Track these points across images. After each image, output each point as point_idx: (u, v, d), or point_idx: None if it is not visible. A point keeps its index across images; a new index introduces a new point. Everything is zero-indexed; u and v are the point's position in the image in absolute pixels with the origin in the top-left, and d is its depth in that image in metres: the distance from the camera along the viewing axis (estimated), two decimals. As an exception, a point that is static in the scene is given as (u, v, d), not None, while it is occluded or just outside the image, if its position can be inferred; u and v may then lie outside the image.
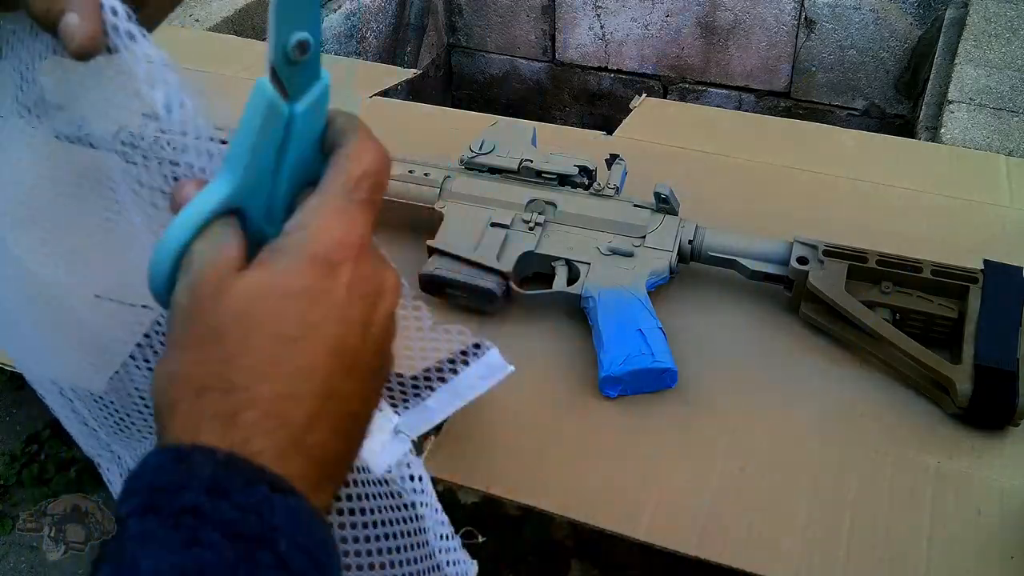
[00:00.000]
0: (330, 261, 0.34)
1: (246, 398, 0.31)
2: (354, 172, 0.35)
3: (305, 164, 0.37)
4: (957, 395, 0.67)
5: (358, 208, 0.35)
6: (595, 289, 0.76)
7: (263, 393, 0.32)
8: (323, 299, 0.33)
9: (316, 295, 0.33)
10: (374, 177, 0.36)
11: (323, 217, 0.34)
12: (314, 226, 0.34)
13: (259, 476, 0.30)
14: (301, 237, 0.34)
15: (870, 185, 0.95)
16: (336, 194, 0.35)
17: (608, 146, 0.95)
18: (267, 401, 0.32)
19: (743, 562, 0.60)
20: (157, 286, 0.34)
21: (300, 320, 0.33)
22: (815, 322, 0.76)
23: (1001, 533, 0.62)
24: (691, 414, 0.70)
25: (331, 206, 0.35)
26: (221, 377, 0.32)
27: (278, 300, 0.33)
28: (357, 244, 0.35)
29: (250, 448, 0.31)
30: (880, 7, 2.00)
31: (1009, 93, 1.40)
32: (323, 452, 0.33)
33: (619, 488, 0.65)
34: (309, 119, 0.36)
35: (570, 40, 2.33)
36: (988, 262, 0.74)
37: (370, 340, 0.35)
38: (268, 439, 0.31)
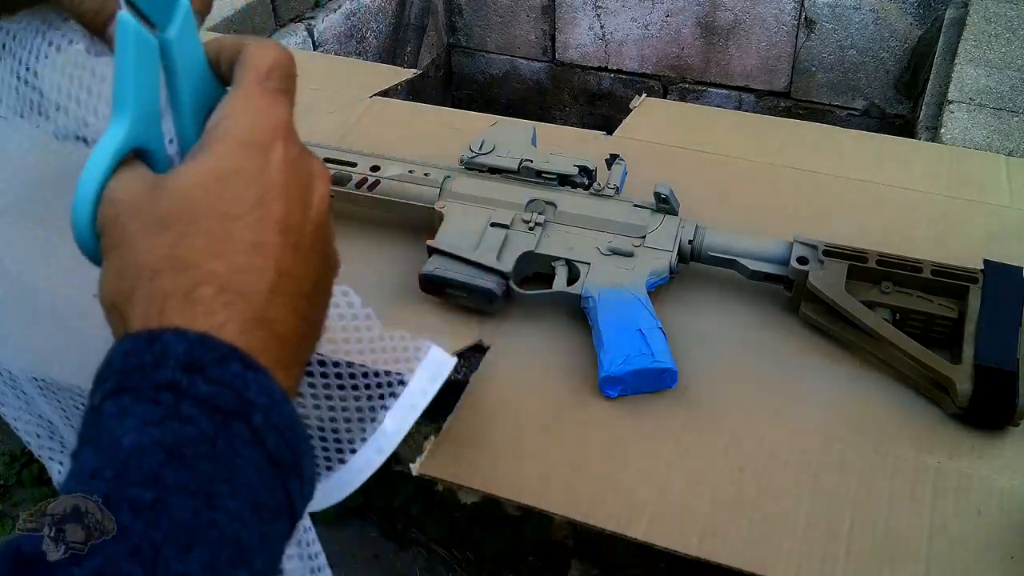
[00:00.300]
0: (260, 143, 0.34)
1: (200, 274, 0.32)
2: (262, 65, 0.36)
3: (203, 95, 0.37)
4: (957, 395, 0.67)
5: (275, 96, 0.36)
6: (595, 289, 0.76)
7: (217, 269, 0.32)
8: (260, 178, 0.34)
9: (253, 175, 0.34)
10: (282, 69, 0.37)
11: (243, 105, 0.35)
12: (236, 114, 0.35)
13: (231, 353, 0.31)
14: (225, 126, 0.35)
15: (870, 185, 0.95)
16: (250, 85, 0.36)
17: (608, 146, 0.95)
18: (222, 276, 0.32)
19: (743, 562, 0.60)
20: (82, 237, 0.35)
21: (241, 198, 0.33)
22: (815, 322, 0.76)
23: (1001, 533, 0.62)
24: (691, 414, 0.70)
25: (249, 96, 0.35)
26: (172, 258, 0.32)
27: (217, 183, 0.33)
28: (283, 127, 0.35)
29: (213, 320, 0.31)
30: (880, 7, 2.00)
31: (1009, 93, 1.40)
32: (284, 328, 0.33)
33: (619, 488, 0.65)
34: (184, 44, 0.36)
35: (570, 40, 2.33)
36: (988, 262, 0.74)
37: (310, 222, 0.35)
38: (229, 311, 0.32)
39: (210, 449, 0.29)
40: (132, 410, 0.29)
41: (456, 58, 2.50)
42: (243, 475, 0.30)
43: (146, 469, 0.28)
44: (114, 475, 0.28)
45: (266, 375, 0.32)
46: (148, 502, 0.27)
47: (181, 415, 0.29)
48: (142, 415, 0.29)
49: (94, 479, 0.28)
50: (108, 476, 0.28)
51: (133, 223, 0.33)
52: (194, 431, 0.29)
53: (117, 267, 0.33)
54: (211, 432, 0.29)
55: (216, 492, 0.29)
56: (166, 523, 0.27)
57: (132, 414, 0.29)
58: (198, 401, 0.30)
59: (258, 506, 0.30)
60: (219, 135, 0.35)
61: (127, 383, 0.30)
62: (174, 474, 0.28)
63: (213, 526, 0.28)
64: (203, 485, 0.29)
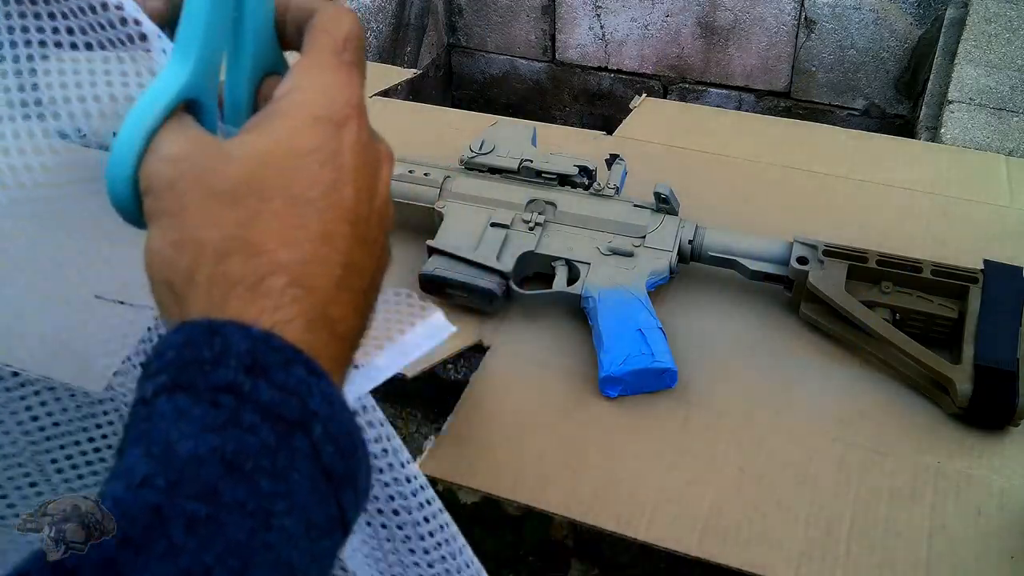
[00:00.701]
0: (334, 121, 0.32)
1: (270, 262, 0.29)
2: (339, 34, 0.34)
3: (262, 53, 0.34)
4: (957, 395, 0.67)
5: (350, 69, 0.33)
6: (595, 289, 0.76)
7: (288, 258, 0.30)
8: (335, 160, 0.32)
9: (328, 155, 0.31)
10: (356, 40, 0.34)
11: (320, 77, 0.33)
12: (312, 87, 0.32)
13: (296, 356, 0.29)
14: (300, 98, 0.32)
15: (870, 185, 0.95)
16: (326, 55, 0.33)
17: (608, 146, 0.95)
18: (292, 267, 0.30)
19: (743, 562, 0.60)
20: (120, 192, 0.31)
21: (316, 180, 0.31)
22: (815, 322, 0.76)
23: (1001, 533, 0.62)
24: (691, 414, 0.70)
25: (324, 67, 0.33)
26: (243, 240, 0.29)
27: (291, 160, 0.31)
28: (358, 104, 0.33)
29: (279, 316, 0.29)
30: (880, 7, 2.00)
31: (1009, 93, 1.40)
32: (344, 328, 0.31)
33: (619, 488, 0.65)
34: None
35: (570, 40, 2.33)
36: (988, 262, 0.74)
37: (375, 211, 0.33)
38: (296, 307, 0.29)
39: (270, 463, 0.27)
40: (189, 413, 0.27)
41: (456, 58, 2.49)
42: (299, 492, 0.28)
43: (202, 481, 0.26)
44: (167, 485, 0.26)
45: (328, 381, 0.29)
46: (202, 518, 0.25)
47: (242, 423, 0.27)
48: (200, 419, 0.27)
49: (144, 487, 0.26)
50: (161, 486, 0.26)
51: (195, 190, 0.30)
52: (255, 441, 0.27)
53: (174, 238, 0.30)
54: (272, 444, 0.27)
55: (273, 511, 0.27)
56: (221, 544, 0.25)
57: (189, 417, 0.27)
58: (260, 408, 0.27)
59: (310, 525, 0.28)
60: (292, 107, 0.32)
61: (183, 379, 0.27)
62: (232, 489, 0.26)
63: (268, 549, 0.26)
64: (260, 503, 0.27)
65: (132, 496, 0.26)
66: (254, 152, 0.31)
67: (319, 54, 0.33)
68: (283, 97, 0.32)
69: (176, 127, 0.31)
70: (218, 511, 0.26)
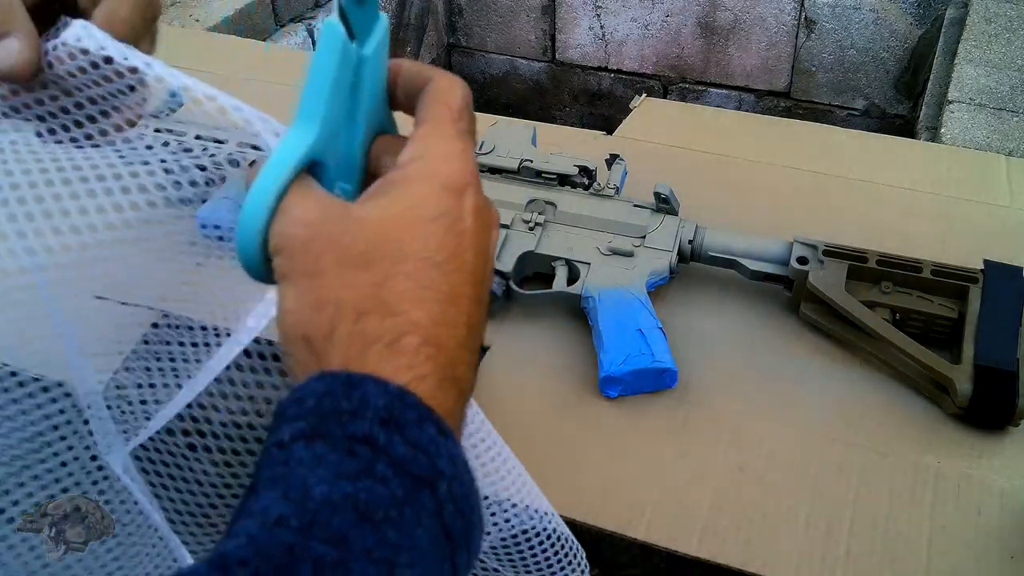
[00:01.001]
0: (457, 188, 0.34)
1: (406, 321, 0.31)
2: (455, 103, 0.35)
3: (375, 114, 0.36)
4: (957, 395, 0.67)
5: (467, 139, 0.35)
6: (595, 289, 0.76)
7: (420, 318, 0.31)
8: (458, 226, 0.33)
9: (452, 221, 0.33)
10: (469, 109, 0.36)
11: (442, 146, 0.34)
12: (436, 155, 0.34)
13: (428, 415, 0.30)
14: (425, 166, 0.34)
15: (870, 185, 0.95)
16: (446, 125, 0.35)
17: (608, 146, 0.95)
18: (425, 327, 0.31)
19: (743, 562, 0.60)
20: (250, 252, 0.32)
21: (443, 245, 0.33)
22: (815, 322, 0.76)
23: (1001, 533, 0.62)
24: (691, 414, 0.70)
25: (445, 136, 0.35)
26: (378, 300, 0.31)
27: (420, 225, 0.32)
28: (475, 172, 0.35)
29: (414, 373, 0.30)
30: (880, 7, 2.00)
31: (1009, 93, 1.40)
32: (467, 386, 0.33)
33: (619, 488, 0.65)
34: (375, 62, 0.35)
35: (570, 40, 2.33)
36: (988, 262, 0.74)
37: (488, 271, 0.35)
38: (429, 365, 0.31)
39: (398, 515, 0.28)
40: (326, 459, 0.28)
41: (456, 58, 2.49)
42: (421, 547, 0.28)
43: (335, 527, 0.27)
44: (300, 527, 0.27)
45: (454, 441, 0.31)
46: (331, 563, 0.26)
47: (375, 473, 0.28)
48: (336, 466, 0.28)
49: (279, 527, 0.27)
50: (295, 527, 0.27)
51: (330, 252, 0.32)
52: (386, 493, 0.28)
53: (312, 299, 0.31)
54: (401, 497, 0.28)
55: (397, 562, 0.27)
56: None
57: (326, 463, 0.28)
58: (393, 462, 0.28)
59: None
60: (417, 174, 0.33)
61: (322, 428, 0.29)
62: (361, 537, 0.27)
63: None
64: (386, 553, 0.27)
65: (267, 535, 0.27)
66: (386, 216, 0.32)
67: (439, 124, 0.35)
68: (408, 164, 0.34)
69: (304, 189, 0.33)
70: (347, 557, 0.27)
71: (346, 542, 0.27)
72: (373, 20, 0.35)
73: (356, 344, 0.30)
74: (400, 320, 0.31)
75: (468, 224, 0.34)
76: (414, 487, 0.29)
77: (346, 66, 0.34)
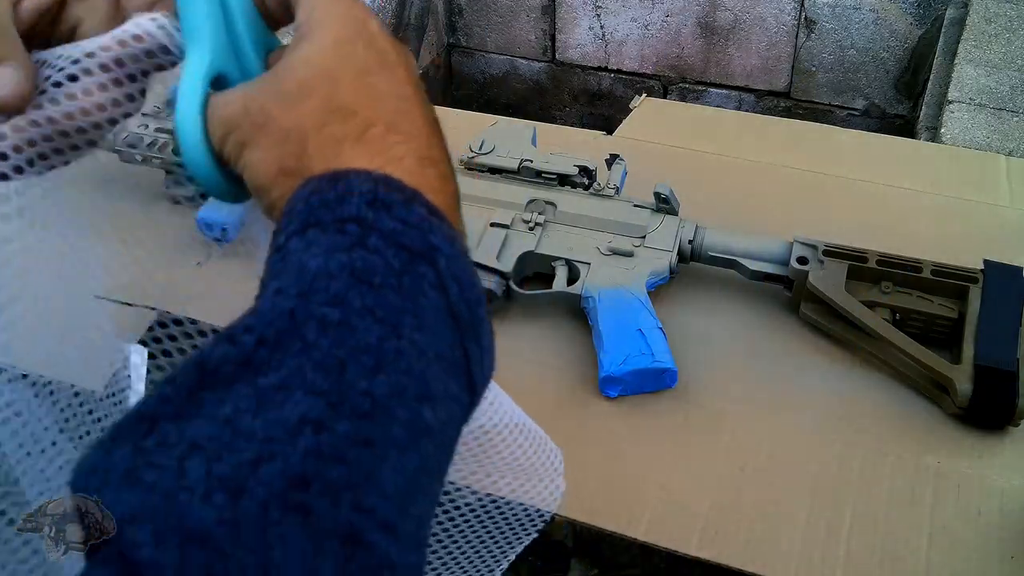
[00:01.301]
0: (358, 19, 0.35)
1: (364, 118, 0.32)
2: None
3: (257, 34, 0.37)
4: (957, 395, 0.67)
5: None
6: (595, 289, 0.76)
7: (377, 113, 0.33)
8: (376, 43, 0.35)
9: (368, 40, 0.35)
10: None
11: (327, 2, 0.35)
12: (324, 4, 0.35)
13: (416, 196, 0.31)
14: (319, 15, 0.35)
15: (870, 185, 0.95)
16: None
17: (608, 146, 0.95)
18: (384, 119, 0.33)
19: (743, 562, 0.60)
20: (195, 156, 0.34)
21: (368, 59, 0.34)
22: (815, 322, 0.76)
23: (1001, 533, 0.62)
24: (691, 414, 0.70)
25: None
26: (332, 110, 0.32)
27: (339, 49, 0.34)
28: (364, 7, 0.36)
29: (391, 154, 0.32)
30: (880, 7, 2.00)
31: (1009, 93, 1.40)
32: (446, 168, 0.34)
33: (619, 488, 0.65)
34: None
35: (570, 40, 2.33)
36: (988, 262, 0.74)
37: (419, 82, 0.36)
38: (402, 147, 0.32)
39: (396, 281, 0.28)
40: (318, 241, 0.29)
41: (456, 58, 2.49)
42: (427, 315, 0.29)
43: (333, 291, 0.27)
44: (299, 293, 0.27)
45: (448, 224, 0.31)
46: (334, 321, 0.27)
47: (368, 245, 0.29)
48: (328, 243, 0.29)
49: (278, 296, 0.28)
50: (293, 294, 0.27)
51: (269, 103, 0.33)
52: (381, 261, 0.28)
53: (275, 138, 0.32)
54: (397, 266, 0.29)
55: (402, 323, 0.28)
56: (352, 343, 0.27)
57: (318, 243, 0.29)
58: (384, 235, 0.29)
59: (440, 356, 0.29)
60: (318, 21, 0.35)
61: (311, 218, 0.29)
62: (361, 298, 0.27)
63: (400, 355, 0.27)
64: (389, 314, 0.28)
65: (266, 303, 0.28)
66: (308, 56, 0.34)
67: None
68: (304, 22, 0.35)
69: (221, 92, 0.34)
70: (349, 316, 0.27)
71: (347, 303, 0.27)
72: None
73: (328, 147, 0.32)
74: (359, 118, 0.32)
75: (384, 43, 0.35)
76: (411, 259, 0.29)
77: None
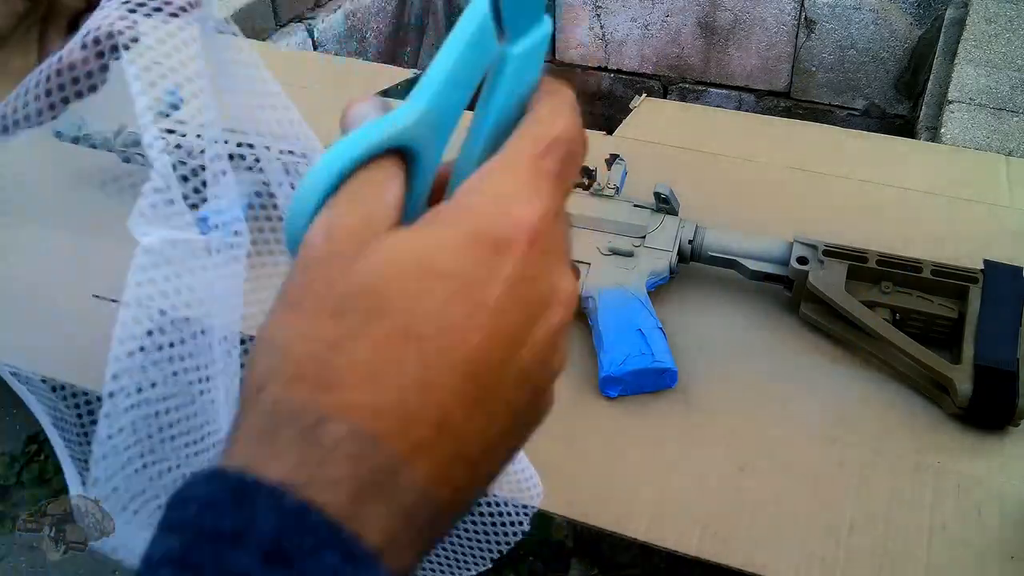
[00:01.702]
0: (496, 243, 0.26)
1: (339, 402, 0.24)
2: (543, 135, 0.28)
3: (504, 124, 0.30)
4: (957, 395, 0.67)
5: (545, 180, 0.28)
6: (595, 289, 0.76)
7: (361, 400, 0.24)
8: (473, 293, 0.25)
9: (466, 285, 0.25)
10: (567, 146, 0.29)
11: (499, 183, 0.27)
12: (487, 192, 0.27)
13: (332, 537, 0.23)
14: (467, 203, 0.27)
15: (870, 185, 0.95)
16: (519, 157, 0.28)
17: (608, 146, 0.95)
18: (362, 412, 0.24)
19: (743, 562, 0.60)
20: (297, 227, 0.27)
21: (438, 312, 0.25)
22: (815, 322, 0.76)
23: (1001, 533, 0.62)
24: (691, 414, 0.70)
25: (511, 171, 0.28)
26: (323, 364, 0.25)
27: (418, 280, 0.25)
28: (535, 227, 0.27)
29: (325, 475, 0.24)
30: (880, 7, 2.00)
31: (1009, 93, 1.40)
32: (415, 500, 0.25)
33: (619, 488, 0.65)
34: (521, 69, 0.30)
35: (570, 40, 2.33)
36: (988, 262, 0.74)
37: (515, 365, 0.27)
38: (347, 466, 0.24)
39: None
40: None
41: (456, 58, 2.49)
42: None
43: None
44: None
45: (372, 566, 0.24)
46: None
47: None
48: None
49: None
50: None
51: (318, 282, 0.26)
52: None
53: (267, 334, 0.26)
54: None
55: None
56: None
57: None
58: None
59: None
60: (453, 212, 0.27)
61: (192, 555, 0.23)
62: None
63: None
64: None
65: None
66: (390, 256, 0.25)
67: (513, 155, 0.28)
68: (454, 198, 0.27)
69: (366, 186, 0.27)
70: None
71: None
72: (534, 21, 0.30)
73: (272, 418, 0.25)
74: (332, 399, 0.24)
75: (489, 296, 0.25)
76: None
77: (478, 53, 0.28)
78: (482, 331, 0.25)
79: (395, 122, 0.27)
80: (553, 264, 0.28)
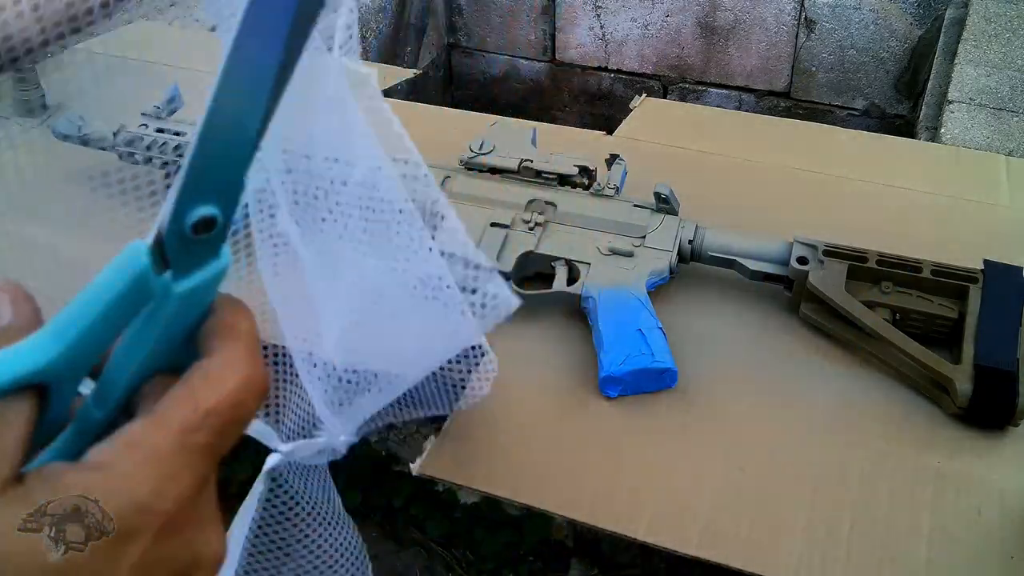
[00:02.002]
0: (119, 530, 0.23)
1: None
2: (202, 403, 0.25)
3: (169, 347, 0.28)
4: (957, 395, 0.67)
5: (191, 456, 0.25)
6: (595, 289, 0.76)
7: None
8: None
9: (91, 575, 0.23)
10: (230, 412, 0.26)
11: (133, 462, 0.24)
12: (115, 472, 0.24)
13: None
14: (92, 482, 0.23)
15: (870, 185, 0.95)
16: (167, 431, 0.25)
17: (608, 146, 0.95)
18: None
19: (743, 562, 0.60)
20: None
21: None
22: (815, 322, 0.76)
23: (1001, 533, 0.62)
24: (691, 414, 0.70)
25: (152, 447, 0.24)
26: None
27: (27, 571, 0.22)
28: (168, 510, 0.24)
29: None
30: (880, 7, 2.00)
31: (1009, 93, 1.40)
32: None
33: (619, 488, 0.65)
34: (189, 303, 0.28)
35: (570, 40, 2.33)
36: (988, 262, 0.74)
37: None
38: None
39: None
40: None
41: (456, 58, 2.49)
42: None
43: None
44: None
45: None
46: None
47: None
48: None
49: None
50: None
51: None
52: None
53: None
54: None
55: None
56: None
57: None
58: None
59: None
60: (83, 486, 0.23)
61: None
62: None
63: None
64: None
65: None
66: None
67: (159, 427, 0.25)
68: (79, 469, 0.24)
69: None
70: None
71: None
72: (209, 257, 0.27)
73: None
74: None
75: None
76: None
77: (133, 301, 0.26)
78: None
79: (31, 359, 0.25)
80: (194, 535, 0.25)
